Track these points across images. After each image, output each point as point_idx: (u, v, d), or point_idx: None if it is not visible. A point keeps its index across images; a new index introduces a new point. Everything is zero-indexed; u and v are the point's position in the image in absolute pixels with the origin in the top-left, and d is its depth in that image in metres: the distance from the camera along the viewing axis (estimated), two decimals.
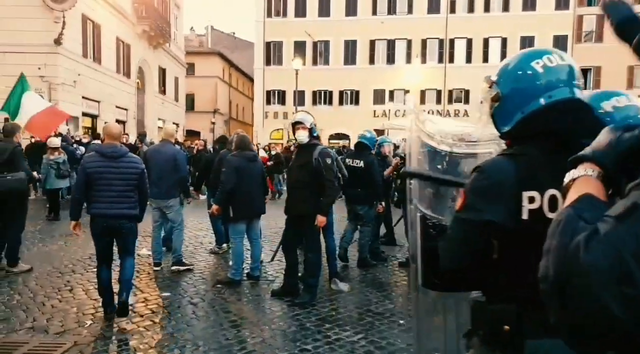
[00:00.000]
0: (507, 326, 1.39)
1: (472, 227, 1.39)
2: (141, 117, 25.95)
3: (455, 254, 1.45)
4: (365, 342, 3.90)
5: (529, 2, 32.73)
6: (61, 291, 5.09)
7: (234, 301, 4.92)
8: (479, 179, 1.42)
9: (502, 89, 1.48)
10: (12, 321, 4.24)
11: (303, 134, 4.83)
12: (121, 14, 22.18)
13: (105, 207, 4.17)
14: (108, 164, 4.21)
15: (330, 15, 33.81)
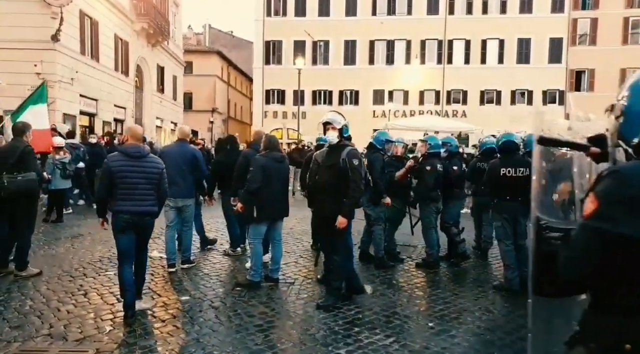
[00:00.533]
0: (629, 345, 1.28)
1: (601, 238, 1.28)
2: (139, 116, 25.68)
3: (579, 264, 1.34)
4: (398, 346, 3.78)
5: (526, 4, 32.83)
6: (75, 296, 4.92)
7: (256, 304, 4.77)
8: (617, 186, 1.30)
9: (634, 104, 1.46)
10: (27, 328, 4.07)
11: (333, 135, 4.72)
12: (119, 11, 21.92)
13: (131, 204, 4.28)
14: (132, 163, 4.33)
15: (330, 15, 33.72)
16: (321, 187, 4.77)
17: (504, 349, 3.80)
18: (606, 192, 1.29)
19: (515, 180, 5.10)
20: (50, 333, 3.96)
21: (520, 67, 32.65)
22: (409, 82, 33.00)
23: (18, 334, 3.91)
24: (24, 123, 5.87)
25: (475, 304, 4.87)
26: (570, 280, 1.38)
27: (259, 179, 5.16)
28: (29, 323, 4.18)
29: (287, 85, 34.07)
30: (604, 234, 1.26)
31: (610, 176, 1.33)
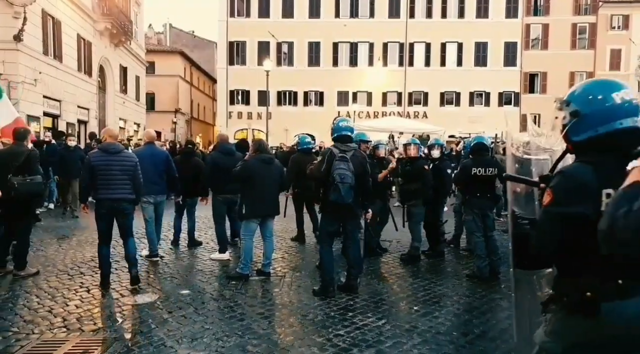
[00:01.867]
0: (589, 293, 1.78)
1: (557, 218, 1.78)
2: (102, 117, 25.23)
3: (545, 240, 1.85)
4: (389, 326, 4.24)
5: (482, 10, 34.29)
6: (79, 292, 5.13)
7: (254, 295, 5.14)
8: (564, 181, 1.80)
9: (582, 108, 1.81)
10: (41, 322, 4.28)
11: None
12: (82, 11, 21.53)
13: (110, 192, 5.16)
14: (110, 158, 5.23)
15: (293, 17, 34.10)
16: None
17: (481, 326, 4.33)
18: (557, 187, 1.80)
19: (485, 179, 5.68)
20: (65, 325, 4.20)
21: (477, 70, 34.07)
22: (372, 83, 33.84)
23: (34, 328, 4.13)
24: (26, 129, 6.10)
25: (453, 290, 5.41)
26: (540, 254, 1.89)
27: (242, 175, 5.66)
28: (41, 317, 4.39)
29: (251, 86, 34.21)
30: (558, 215, 1.76)
31: (559, 175, 1.84)
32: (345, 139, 5.10)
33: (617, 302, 1.71)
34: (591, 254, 1.75)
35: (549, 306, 1.99)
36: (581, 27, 34.50)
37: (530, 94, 34.67)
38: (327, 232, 5.22)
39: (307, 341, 3.90)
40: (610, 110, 1.77)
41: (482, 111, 33.60)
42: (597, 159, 1.78)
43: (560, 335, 1.89)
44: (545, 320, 2.05)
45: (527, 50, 34.51)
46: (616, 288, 1.72)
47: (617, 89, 1.81)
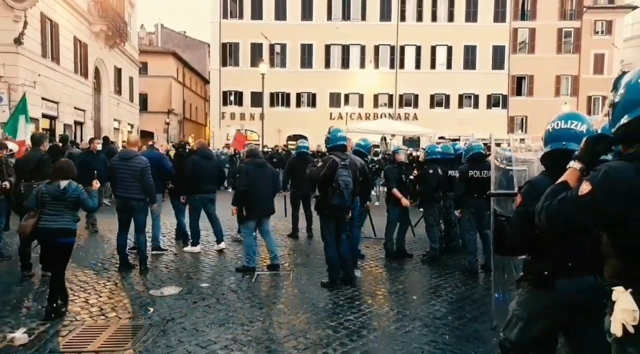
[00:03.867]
0: (546, 272, 2.39)
1: (526, 216, 2.38)
2: (97, 118, 25.54)
3: (516, 233, 2.47)
4: (393, 313, 4.80)
5: (471, 14, 35.04)
6: (107, 285, 5.64)
7: (268, 288, 5.68)
8: (530, 188, 2.48)
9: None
10: (81, 311, 4.76)
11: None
12: (78, 13, 21.82)
13: (122, 191, 6.23)
14: (123, 163, 6.23)
15: (286, 19, 34.55)
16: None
17: (473, 312, 4.90)
18: (525, 192, 2.45)
19: (481, 180, 6.26)
20: (102, 314, 4.68)
21: (467, 73, 34.83)
22: (364, 85, 34.44)
23: (76, 316, 4.61)
24: (42, 134, 6.46)
25: (447, 282, 5.98)
26: (513, 243, 2.50)
27: (245, 183, 6.26)
28: (79, 307, 4.87)
29: (244, 87, 34.60)
30: (527, 213, 2.34)
31: (527, 184, 2.52)
32: (342, 148, 5.67)
33: (565, 280, 2.35)
34: (549, 244, 2.36)
35: (520, 283, 2.64)
36: (566, 31, 35.44)
37: (517, 96, 35.52)
38: (328, 231, 5.70)
39: (322, 325, 4.43)
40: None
41: (471, 113, 34.38)
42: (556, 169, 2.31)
43: (527, 304, 2.54)
44: (518, 294, 2.70)
45: (514, 54, 35.35)
46: (566, 268, 2.36)
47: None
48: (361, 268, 6.53)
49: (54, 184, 4.63)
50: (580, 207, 1.78)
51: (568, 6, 35.43)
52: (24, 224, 4.61)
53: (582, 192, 1.75)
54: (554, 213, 1.88)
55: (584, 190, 1.75)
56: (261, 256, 7.23)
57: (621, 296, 1.70)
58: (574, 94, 35.53)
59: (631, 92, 1.81)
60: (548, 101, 34.69)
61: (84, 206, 4.79)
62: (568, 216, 1.83)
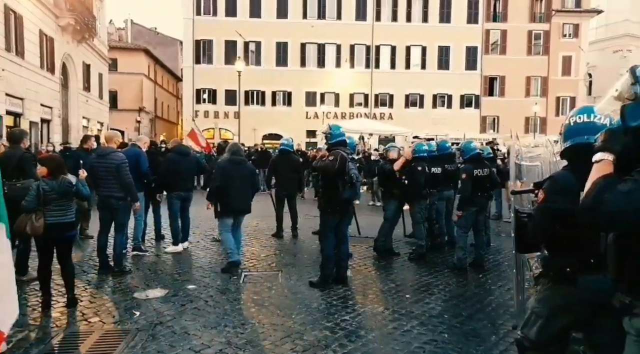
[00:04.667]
0: (568, 268, 2.33)
1: (548, 212, 2.34)
2: (65, 115, 24.66)
3: (538, 228, 2.43)
4: (388, 312, 4.70)
5: (445, 15, 35.49)
6: (88, 289, 5.36)
7: (258, 289, 5.49)
8: (553, 183, 2.40)
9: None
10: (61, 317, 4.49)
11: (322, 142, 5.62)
12: (44, 6, 20.99)
13: (102, 190, 5.97)
14: (100, 161, 6.01)
15: (261, 17, 34.21)
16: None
17: (468, 310, 4.85)
18: (548, 188, 2.38)
19: (483, 179, 6.27)
20: (85, 319, 4.42)
21: (440, 73, 35.26)
22: (340, 84, 34.42)
23: (57, 322, 4.34)
24: (21, 130, 6.10)
25: (438, 280, 5.93)
26: (535, 239, 2.44)
27: (219, 179, 6.29)
28: (59, 312, 4.59)
29: (219, 85, 34.12)
30: (549, 209, 2.30)
31: (549, 179, 2.44)
32: (344, 144, 5.63)
33: (588, 276, 2.29)
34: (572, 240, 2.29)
35: (539, 280, 2.57)
36: (536, 34, 36.29)
37: (489, 96, 36.17)
38: (329, 227, 5.60)
39: (318, 326, 4.30)
40: None
41: (445, 113, 34.82)
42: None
43: (547, 301, 2.47)
44: (536, 291, 2.63)
45: (487, 55, 35.96)
46: (589, 265, 2.30)
47: None
48: (350, 267, 6.41)
49: (59, 180, 4.66)
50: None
51: (538, 9, 36.30)
52: (37, 225, 4.51)
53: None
54: (627, 209, 1.61)
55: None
56: (246, 256, 7.05)
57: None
58: (543, 94, 36.42)
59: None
60: (519, 101, 35.49)
61: (81, 195, 4.87)
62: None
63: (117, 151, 6.18)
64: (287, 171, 8.65)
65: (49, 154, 6.48)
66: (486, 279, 6.07)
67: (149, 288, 5.39)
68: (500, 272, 6.42)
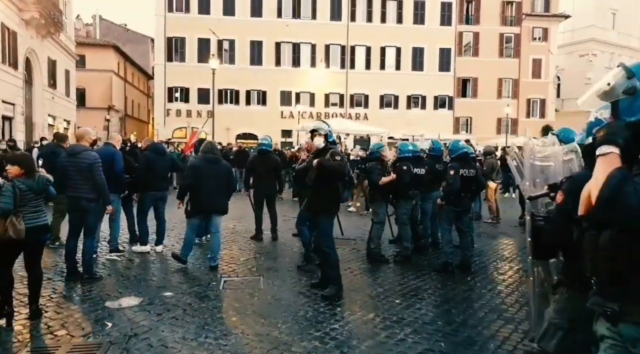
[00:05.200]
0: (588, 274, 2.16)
1: (567, 214, 2.16)
2: (29, 113, 23.60)
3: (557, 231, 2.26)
4: (379, 319, 4.47)
5: (419, 16, 35.74)
6: (54, 298, 4.94)
7: (239, 296, 5.18)
8: (571, 184, 2.21)
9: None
10: (23, 331, 4.09)
11: (319, 140, 5.28)
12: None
13: (71, 191, 5.53)
14: (71, 160, 5.57)
15: (235, 15, 33.70)
16: (313, 187, 5.33)
17: (460, 315, 4.67)
18: (567, 189, 2.20)
19: (469, 179, 6.13)
20: (50, 332, 4.03)
21: (415, 74, 35.46)
22: (315, 84, 34.21)
23: (18, 336, 3.94)
24: None
25: (426, 284, 5.75)
26: (553, 243, 2.26)
27: (191, 177, 6.24)
28: (21, 326, 4.18)
29: (191, 83, 33.43)
30: (568, 211, 2.10)
31: (569, 180, 2.26)
32: (334, 143, 5.46)
33: None
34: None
35: (558, 289, 2.37)
36: (507, 37, 36.94)
37: (462, 98, 36.61)
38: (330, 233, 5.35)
39: (307, 336, 4.03)
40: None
41: (419, 113, 35.01)
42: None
43: (566, 312, 2.26)
44: (554, 301, 2.42)
45: (460, 57, 36.38)
46: None
47: None
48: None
49: (36, 178, 4.34)
50: None
51: (508, 13, 36.96)
52: (20, 228, 4.08)
53: None
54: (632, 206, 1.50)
55: None
56: (224, 260, 6.73)
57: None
58: (514, 96, 37.09)
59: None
60: (491, 102, 36.03)
61: (52, 195, 4.63)
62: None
63: (89, 150, 5.78)
64: (265, 171, 8.35)
65: (19, 152, 6.09)
66: (475, 282, 5.93)
67: (122, 296, 5.02)
68: (487, 274, 6.30)
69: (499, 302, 5.08)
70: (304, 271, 6.12)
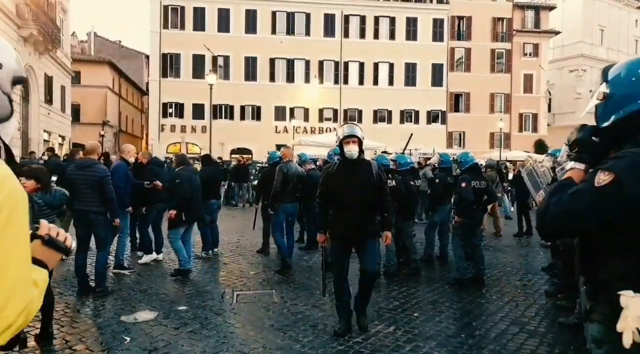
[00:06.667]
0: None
1: None
2: (25, 129, 23.46)
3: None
4: (400, 332, 4.42)
5: (411, 33, 36.23)
6: (68, 313, 4.84)
7: (254, 310, 5.11)
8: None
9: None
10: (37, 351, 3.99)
11: (354, 149, 4.24)
12: (6, 15, 20.06)
13: (79, 204, 5.49)
14: (79, 172, 5.59)
15: (229, 31, 33.92)
16: (356, 206, 4.21)
17: (482, 328, 4.63)
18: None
19: (480, 191, 6.14)
20: (69, 346, 3.94)
21: (407, 89, 35.80)
22: (309, 99, 34.38)
23: (34, 351, 3.84)
24: None
25: (442, 297, 5.71)
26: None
27: (188, 190, 6.47)
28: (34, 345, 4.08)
29: (186, 99, 33.46)
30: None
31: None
32: None
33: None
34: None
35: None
36: (499, 52, 37.49)
37: (455, 113, 36.93)
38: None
39: (330, 350, 3.97)
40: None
41: (412, 128, 35.03)
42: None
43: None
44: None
45: (452, 72, 36.82)
46: None
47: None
48: None
49: (52, 192, 4.34)
50: (602, 198, 1.47)
51: (499, 29, 37.57)
52: None
53: (601, 183, 1.48)
54: (565, 210, 1.54)
55: (603, 180, 1.48)
56: (235, 274, 6.66)
57: (631, 301, 1.42)
58: (507, 111, 37.49)
59: (623, 87, 1.62)
60: (483, 117, 36.39)
61: (63, 210, 4.66)
62: (583, 211, 1.50)
63: (99, 163, 5.76)
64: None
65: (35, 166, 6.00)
66: (490, 294, 5.89)
67: (136, 310, 4.93)
68: (500, 287, 6.27)
69: (519, 314, 5.05)
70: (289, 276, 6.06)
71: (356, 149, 4.26)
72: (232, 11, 34.02)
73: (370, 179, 4.27)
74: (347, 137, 4.27)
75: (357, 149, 4.27)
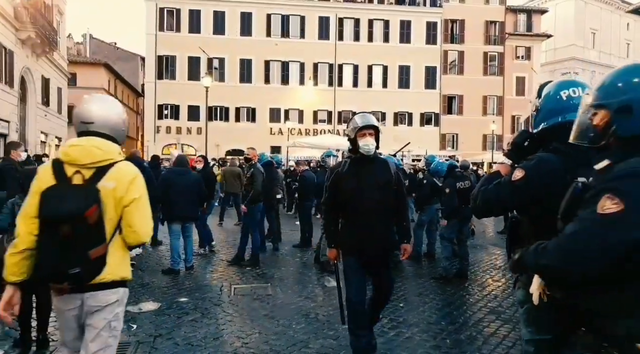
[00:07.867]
0: None
1: None
2: (23, 130, 23.68)
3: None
4: (386, 320, 4.78)
5: (405, 35, 36.71)
6: None
7: (251, 301, 5.46)
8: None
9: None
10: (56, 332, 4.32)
11: (372, 142, 3.43)
12: (4, 18, 20.30)
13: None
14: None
15: (225, 34, 34.28)
16: (375, 211, 3.46)
17: (461, 317, 5.01)
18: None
19: (466, 191, 6.53)
20: None
21: (401, 92, 36.28)
22: (304, 101, 34.78)
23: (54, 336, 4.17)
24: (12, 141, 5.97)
25: (426, 289, 6.09)
26: None
27: (159, 188, 6.75)
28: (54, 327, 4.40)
29: (181, 101, 33.78)
30: None
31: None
32: None
33: None
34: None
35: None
36: (491, 55, 38.04)
37: (448, 115, 37.43)
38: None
39: (322, 335, 4.33)
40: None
41: (406, 130, 35.64)
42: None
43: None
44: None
45: (445, 75, 37.33)
46: None
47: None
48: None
49: None
50: (515, 190, 1.96)
51: (492, 32, 38.11)
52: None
53: (515, 178, 1.95)
54: (490, 197, 2.07)
55: (517, 176, 1.95)
56: (231, 269, 7.00)
57: None
58: (499, 113, 38.03)
59: (550, 103, 2.09)
60: (476, 119, 36.91)
61: None
62: (502, 199, 2.01)
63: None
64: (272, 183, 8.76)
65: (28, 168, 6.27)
66: (472, 288, 6.28)
67: (140, 301, 5.26)
68: (483, 281, 6.65)
69: (497, 305, 5.43)
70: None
71: (374, 143, 3.43)
72: (227, 14, 34.40)
73: (389, 180, 3.52)
74: (363, 129, 3.44)
75: (374, 143, 3.44)
